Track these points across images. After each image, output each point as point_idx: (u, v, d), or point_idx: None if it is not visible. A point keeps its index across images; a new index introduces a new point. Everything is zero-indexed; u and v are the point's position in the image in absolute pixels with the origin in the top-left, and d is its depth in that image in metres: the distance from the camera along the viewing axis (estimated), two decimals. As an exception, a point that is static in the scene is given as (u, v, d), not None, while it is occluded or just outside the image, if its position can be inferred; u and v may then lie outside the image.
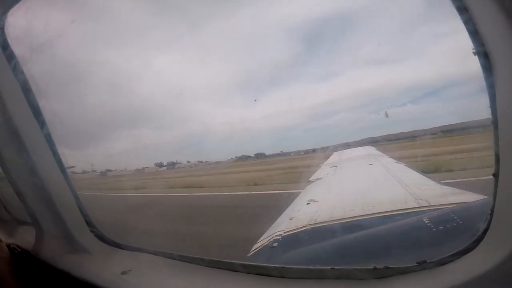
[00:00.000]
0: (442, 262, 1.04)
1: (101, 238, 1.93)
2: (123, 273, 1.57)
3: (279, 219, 3.40)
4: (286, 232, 2.81)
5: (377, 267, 1.12)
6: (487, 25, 0.83)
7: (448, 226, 1.76)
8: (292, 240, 2.61)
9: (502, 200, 0.90)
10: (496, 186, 0.90)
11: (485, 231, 0.95)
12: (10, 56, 1.67)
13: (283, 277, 1.28)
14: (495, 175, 0.89)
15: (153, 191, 10.83)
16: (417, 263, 1.08)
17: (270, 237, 2.80)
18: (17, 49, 1.69)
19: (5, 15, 1.59)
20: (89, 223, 1.92)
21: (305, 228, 2.77)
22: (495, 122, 0.86)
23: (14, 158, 1.76)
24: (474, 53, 0.89)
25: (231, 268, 1.43)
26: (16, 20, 1.63)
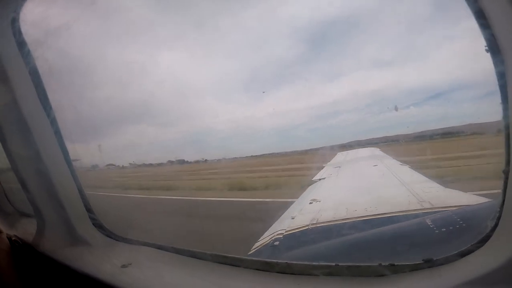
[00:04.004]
0: (448, 260, 1.03)
1: (102, 230, 1.93)
2: (124, 266, 1.56)
3: (281, 218, 3.40)
4: (287, 231, 2.80)
5: (382, 264, 1.10)
6: (499, 21, 0.81)
7: (451, 228, 1.74)
8: (293, 239, 2.61)
9: (511, 198, 0.88)
10: (505, 183, 0.89)
11: (493, 229, 0.94)
12: (23, 48, 1.68)
13: (286, 273, 1.26)
14: (505, 172, 0.87)
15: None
16: (423, 260, 1.06)
17: (272, 235, 2.79)
18: (30, 41, 1.70)
19: (20, 6, 1.59)
20: (91, 216, 1.92)
21: (306, 228, 2.77)
22: (506, 118, 0.85)
23: (20, 149, 1.76)
24: (487, 50, 0.87)
25: (233, 263, 1.42)
26: (28, 13, 1.64)
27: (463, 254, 1.00)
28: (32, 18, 1.69)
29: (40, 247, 1.90)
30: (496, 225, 0.93)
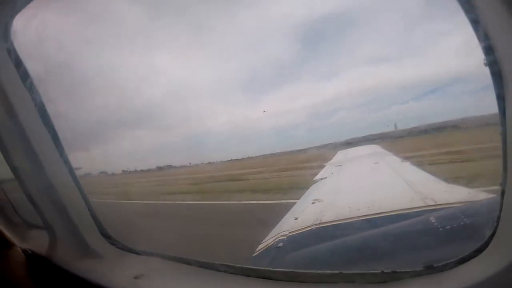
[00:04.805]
0: (449, 266, 1.04)
1: (112, 242, 1.95)
2: (136, 277, 1.58)
3: (284, 219, 3.40)
4: (291, 232, 2.81)
5: (385, 271, 1.13)
6: (497, 33, 0.82)
7: (455, 225, 1.74)
8: (297, 240, 2.61)
9: (510, 201, 0.89)
10: (504, 186, 0.90)
11: (492, 234, 0.95)
12: (18, 61, 1.69)
13: (292, 281, 1.29)
14: (502, 184, 0.89)
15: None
16: (424, 267, 1.08)
17: (275, 237, 2.80)
18: (24, 53, 1.71)
19: (12, 19, 1.60)
20: (99, 227, 1.95)
21: (310, 228, 2.77)
22: (503, 126, 0.86)
23: (24, 163, 1.77)
24: (485, 64, 0.88)
25: (244, 273, 1.44)
26: (22, 24, 1.65)
27: (464, 260, 1.02)
28: (26, 29, 1.70)
29: (54, 259, 1.93)
30: (495, 229, 0.95)
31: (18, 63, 1.69)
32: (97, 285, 1.62)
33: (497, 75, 0.84)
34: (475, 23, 0.86)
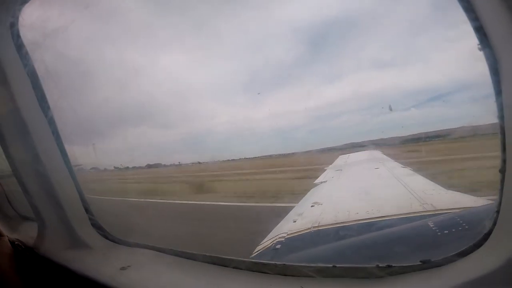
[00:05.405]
0: (446, 261, 1.02)
1: (102, 233, 1.94)
2: (123, 268, 1.57)
3: (283, 221, 3.39)
4: (289, 234, 2.80)
5: (380, 265, 1.10)
6: (492, 21, 0.82)
7: (453, 230, 1.73)
8: (295, 242, 2.60)
9: (508, 198, 0.88)
10: (502, 183, 0.88)
11: (491, 230, 0.93)
12: (22, 52, 1.69)
13: (284, 275, 1.26)
14: (502, 171, 0.87)
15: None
16: (420, 261, 1.06)
17: (273, 239, 2.79)
18: (28, 44, 1.72)
19: (18, 11, 1.61)
20: (91, 219, 1.93)
21: (308, 231, 2.76)
22: (501, 118, 0.85)
23: (21, 154, 1.77)
24: (480, 49, 0.88)
25: (232, 265, 1.41)
26: (27, 16, 1.66)
27: (461, 255, 1.00)
28: (30, 22, 1.70)
29: (41, 250, 1.91)
30: (494, 226, 0.93)
31: (22, 56, 1.70)
32: (82, 275, 1.60)
33: (493, 62, 0.83)
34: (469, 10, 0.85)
